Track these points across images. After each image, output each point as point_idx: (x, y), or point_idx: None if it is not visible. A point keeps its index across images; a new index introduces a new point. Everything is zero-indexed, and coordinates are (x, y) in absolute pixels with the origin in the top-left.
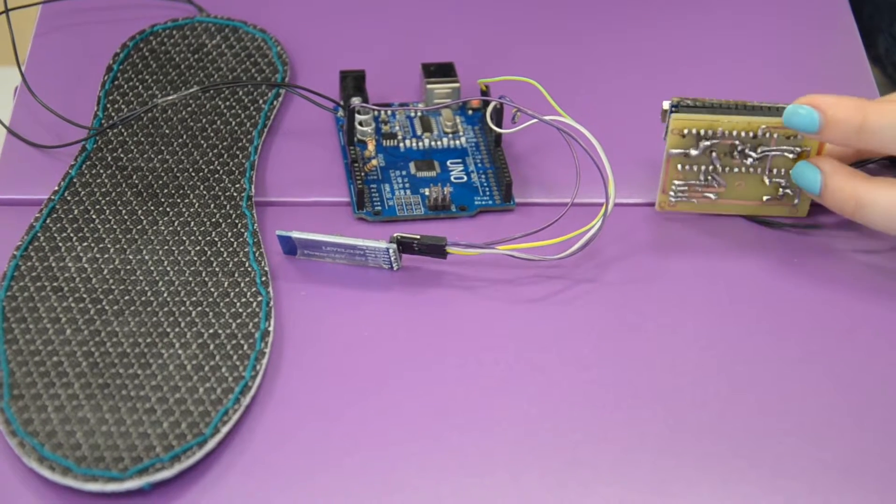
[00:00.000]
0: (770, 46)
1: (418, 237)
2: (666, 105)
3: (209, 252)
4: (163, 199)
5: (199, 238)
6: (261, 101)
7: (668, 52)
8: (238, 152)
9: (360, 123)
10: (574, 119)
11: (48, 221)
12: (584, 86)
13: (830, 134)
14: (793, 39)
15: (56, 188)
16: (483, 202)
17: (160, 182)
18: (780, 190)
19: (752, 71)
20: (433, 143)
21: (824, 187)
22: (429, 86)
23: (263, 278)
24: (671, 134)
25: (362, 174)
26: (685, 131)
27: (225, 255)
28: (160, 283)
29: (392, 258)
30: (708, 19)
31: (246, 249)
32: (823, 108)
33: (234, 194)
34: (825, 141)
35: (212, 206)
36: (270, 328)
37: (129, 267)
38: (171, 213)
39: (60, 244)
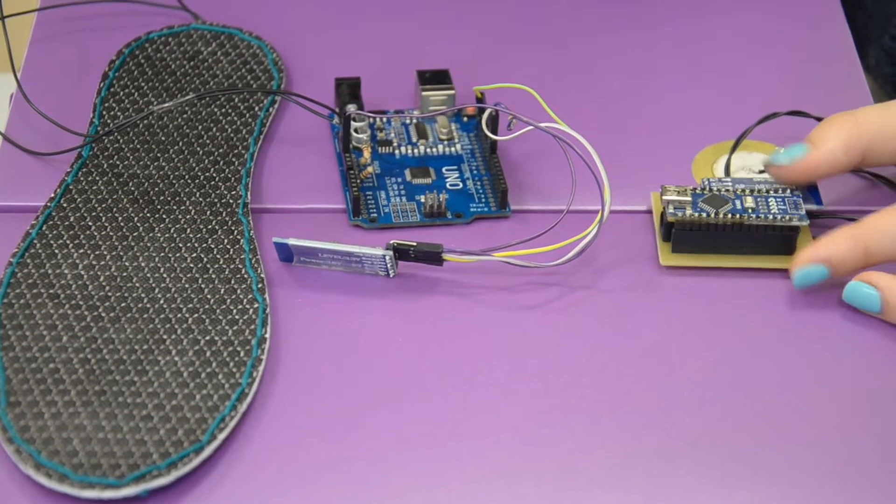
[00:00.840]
0: (765, 53)
1: (414, 244)
2: (657, 202)
3: (205, 259)
4: (159, 206)
5: (196, 245)
6: (256, 108)
7: (664, 60)
8: (234, 159)
9: (356, 130)
10: (570, 126)
11: (44, 228)
12: (580, 92)
13: (841, 273)
14: (786, 46)
15: (52, 195)
16: (479, 209)
17: (156, 189)
18: None
19: (748, 78)
20: (429, 150)
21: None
22: (424, 93)
23: (260, 285)
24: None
25: (358, 181)
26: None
27: (221, 262)
28: (156, 290)
29: (388, 265)
30: (703, 26)
31: (242, 256)
32: (825, 257)
33: (231, 201)
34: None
35: (208, 212)
36: (267, 335)
37: (125, 274)
38: (167, 220)
39: (57, 251)
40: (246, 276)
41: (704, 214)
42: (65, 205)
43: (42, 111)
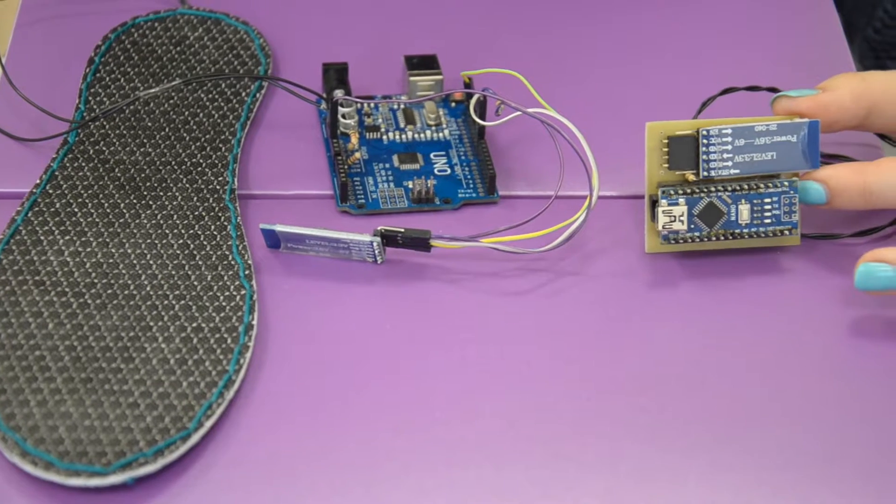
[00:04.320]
0: (752, 37)
1: (402, 230)
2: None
3: (192, 245)
4: (145, 193)
5: (182, 231)
6: (243, 94)
7: (652, 44)
8: (221, 145)
9: (343, 116)
10: (558, 111)
11: (30, 215)
12: (568, 78)
13: (839, 202)
14: (774, 30)
15: (38, 181)
16: (467, 195)
17: (143, 175)
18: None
19: (736, 62)
20: (416, 136)
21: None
22: (412, 78)
23: (247, 272)
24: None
25: (345, 167)
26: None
27: (208, 249)
28: (143, 277)
29: (376, 251)
30: (691, 10)
31: (229, 243)
32: (825, 180)
33: (217, 187)
34: (837, 209)
35: (195, 199)
36: (254, 322)
37: (111, 261)
38: (153, 207)
39: (42, 238)
40: (233, 262)
41: (697, 234)
42: (50, 191)
43: (27, 97)
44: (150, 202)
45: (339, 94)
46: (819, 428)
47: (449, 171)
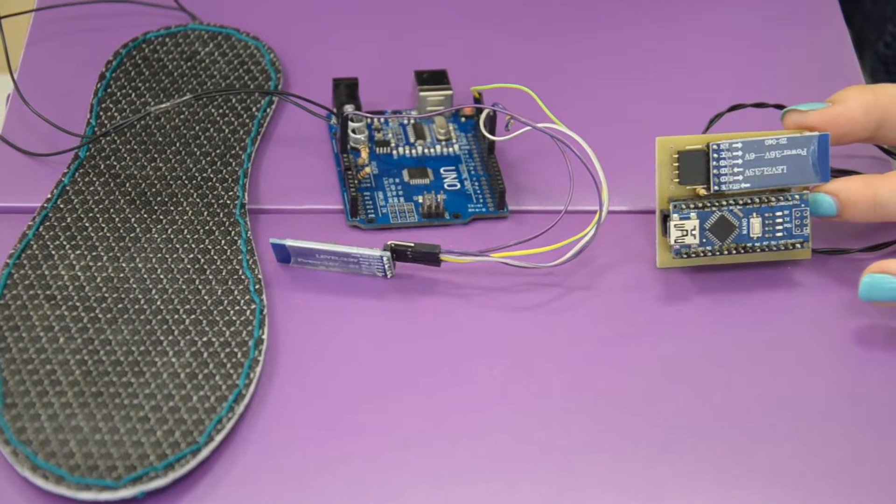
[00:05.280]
0: (763, 53)
1: (412, 245)
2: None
3: (203, 260)
4: (156, 207)
5: (193, 246)
6: (254, 109)
7: (662, 60)
8: (231, 160)
9: (353, 131)
10: (567, 126)
11: (41, 229)
12: (578, 93)
13: (849, 215)
14: (785, 46)
15: (49, 196)
16: (476, 210)
17: (153, 190)
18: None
19: (746, 75)
20: (426, 151)
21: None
22: (421, 93)
23: (257, 286)
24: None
25: (356, 182)
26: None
27: (218, 263)
28: (154, 291)
29: (386, 266)
30: (702, 25)
31: (239, 257)
32: (836, 193)
33: (228, 202)
34: (848, 221)
35: (205, 213)
36: (264, 336)
37: (122, 275)
38: (164, 221)
39: (53, 252)
40: (243, 277)
41: (709, 248)
42: (62, 206)
43: (39, 112)
44: (161, 217)
45: (349, 109)
46: (829, 444)
47: (459, 185)
